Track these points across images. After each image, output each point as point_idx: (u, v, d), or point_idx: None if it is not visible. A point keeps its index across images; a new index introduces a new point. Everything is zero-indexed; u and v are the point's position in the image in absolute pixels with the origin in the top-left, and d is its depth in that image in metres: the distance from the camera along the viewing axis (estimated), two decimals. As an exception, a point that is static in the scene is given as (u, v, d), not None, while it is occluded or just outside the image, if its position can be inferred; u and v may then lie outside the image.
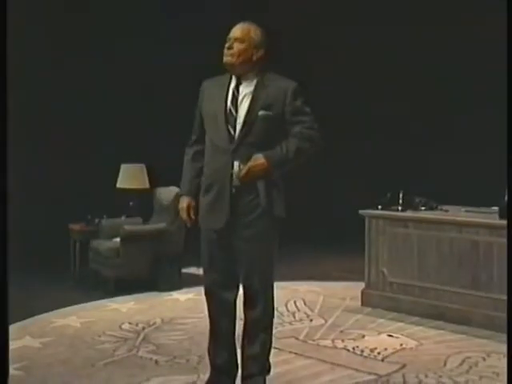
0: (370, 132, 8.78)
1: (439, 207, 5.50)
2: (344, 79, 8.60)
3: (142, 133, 7.98)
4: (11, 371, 3.52)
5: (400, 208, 5.44)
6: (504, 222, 4.23)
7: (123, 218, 6.83)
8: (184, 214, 3.40)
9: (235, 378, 3.47)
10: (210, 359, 3.52)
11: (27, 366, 4.07)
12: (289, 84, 3.26)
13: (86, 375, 3.95)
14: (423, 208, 5.46)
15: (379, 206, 5.51)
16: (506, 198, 4.69)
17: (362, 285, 5.64)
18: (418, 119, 8.49)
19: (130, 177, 6.91)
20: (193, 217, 3.40)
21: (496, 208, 4.97)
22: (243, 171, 3.14)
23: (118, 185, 6.94)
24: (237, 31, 3.27)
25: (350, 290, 6.02)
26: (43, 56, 7.55)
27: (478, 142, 7.86)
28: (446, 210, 5.41)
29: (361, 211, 5.55)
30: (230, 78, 3.31)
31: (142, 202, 6.97)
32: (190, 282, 6.22)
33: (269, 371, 3.48)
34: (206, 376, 3.59)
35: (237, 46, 3.22)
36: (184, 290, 6.12)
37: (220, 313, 3.43)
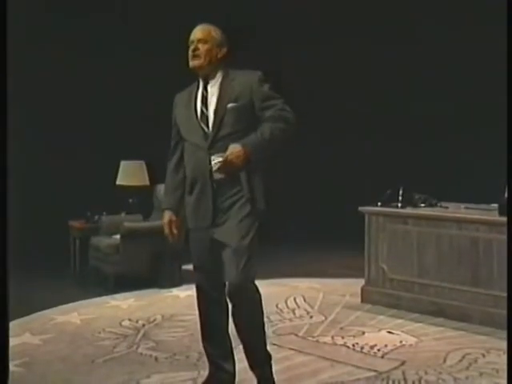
0: (370, 132, 8.78)
1: (439, 204, 5.49)
2: (344, 79, 8.59)
3: (141, 130, 7.98)
4: (11, 368, 3.54)
5: (400, 205, 5.44)
6: (504, 219, 4.23)
7: (123, 214, 6.83)
8: (167, 229, 3.43)
9: (234, 373, 3.47)
10: (207, 356, 3.52)
11: (27, 363, 4.08)
12: (253, 74, 3.31)
13: (86, 372, 3.95)
14: (423, 205, 5.46)
15: (379, 203, 5.52)
16: (506, 194, 4.69)
17: (361, 281, 5.64)
18: (417, 119, 8.48)
19: (130, 174, 6.92)
20: (175, 231, 3.42)
21: (495, 205, 4.97)
22: (221, 162, 3.14)
23: (118, 182, 6.95)
24: (198, 33, 3.32)
25: (349, 287, 6.02)
26: (43, 56, 7.55)
27: (477, 141, 7.85)
28: (446, 207, 5.41)
29: (360, 208, 5.55)
30: (198, 82, 3.38)
31: (141, 199, 6.98)
32: (190, 278, 6.12)
33: (270, 359, 3.46)
34: (205, 372, 3.60)
35: (202, 47, 3.28)
36: (184, 287, 6.12)
37: (211, 309, 3.44)
